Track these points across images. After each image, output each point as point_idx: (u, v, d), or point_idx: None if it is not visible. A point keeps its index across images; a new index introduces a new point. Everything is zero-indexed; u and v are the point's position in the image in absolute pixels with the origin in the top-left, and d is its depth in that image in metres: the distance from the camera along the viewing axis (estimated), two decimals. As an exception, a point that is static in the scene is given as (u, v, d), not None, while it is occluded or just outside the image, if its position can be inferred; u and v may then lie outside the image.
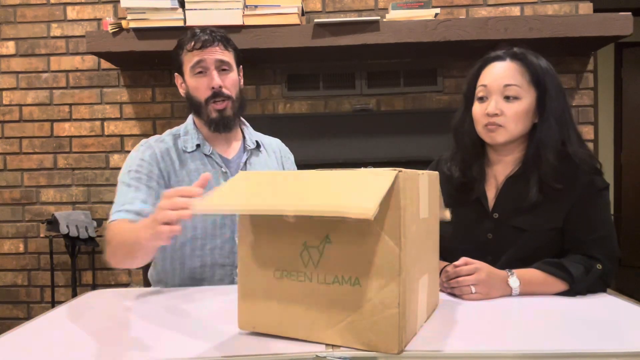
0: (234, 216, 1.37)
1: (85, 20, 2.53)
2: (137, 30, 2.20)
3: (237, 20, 2.17)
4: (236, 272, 1.38)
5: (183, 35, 1.44)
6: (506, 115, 1.20)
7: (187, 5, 2.16)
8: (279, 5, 2.17)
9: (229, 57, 1.41)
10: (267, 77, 2.51)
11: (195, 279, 1.39)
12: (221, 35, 1.42)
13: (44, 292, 2.58)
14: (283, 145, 1.62)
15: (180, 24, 2.17)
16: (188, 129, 1.46)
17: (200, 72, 1.39)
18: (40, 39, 2.54)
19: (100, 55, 2.36)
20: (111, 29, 2.21)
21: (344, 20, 2.17)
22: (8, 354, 0.84)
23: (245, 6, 2.18)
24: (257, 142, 1.52)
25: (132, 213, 1.28)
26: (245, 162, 1.47)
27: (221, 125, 1.41)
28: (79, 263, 2.52)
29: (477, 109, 1.25)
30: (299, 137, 2.43)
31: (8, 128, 2.56)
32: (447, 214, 1.03)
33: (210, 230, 1.38)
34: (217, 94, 1.39)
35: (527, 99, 1.20)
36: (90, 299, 1.21)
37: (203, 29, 1.41)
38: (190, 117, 1.48)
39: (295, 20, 2.18)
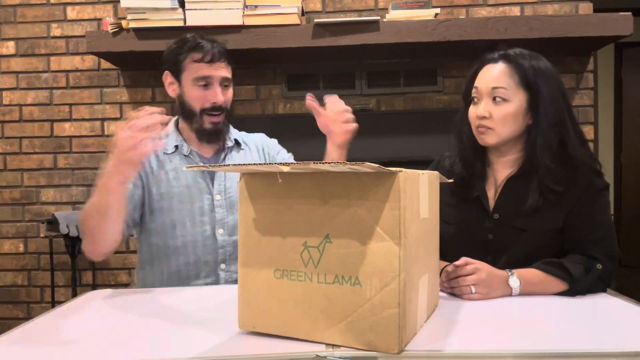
0: (213, 212, 1.44)
1: (85, 20, 2.53)
2: (137, 30, 2.20)
3: (237, 20, 2.17)
4: (220, 267, 1.43)
5: (185, 37, 1.44)
6: (494, 118, 1.20)
7: (187, 5, 2.16)
8: (279, 5, 2.17)
9: (229, 73, 1.46)
10: (267, 77, 2.51)
11: (181, 277, 1.43)
12: (225, 49, 1.46)
13: (44, 292, 2.58)
14: (267, 138, 1.63)
15: (180, 24, 2.17)
16: (168, 132, 1.50)
17: (204, 85, 1.42)
18: (40, 39, 2.54)
19: (100, 55, 2.36)
20: (111, 29, 2.20)
21: (344, 20, 2.16)
22: (8, 354, 0.84)
23: (245, 6, 2.17)
24: (235, 139, 1.55)
25: None
26: (224, 159, 1.51)
27: (214, 136, 1.47)
28: (79, 263, 2.51)
29: (471, 111, 1.25)
30: (299, 137, 2.41)
31: (8, 128, 2.56)
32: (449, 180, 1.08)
33: (189, 227, 1.42)
34: (216, 108, 1.43)
35: (516, 101, 1.19)
36: (90, 299, 1.20)
37: (207, 39, 1.43)
38: (172, 121, 1.52)
39: (295, 20, 2.18)
